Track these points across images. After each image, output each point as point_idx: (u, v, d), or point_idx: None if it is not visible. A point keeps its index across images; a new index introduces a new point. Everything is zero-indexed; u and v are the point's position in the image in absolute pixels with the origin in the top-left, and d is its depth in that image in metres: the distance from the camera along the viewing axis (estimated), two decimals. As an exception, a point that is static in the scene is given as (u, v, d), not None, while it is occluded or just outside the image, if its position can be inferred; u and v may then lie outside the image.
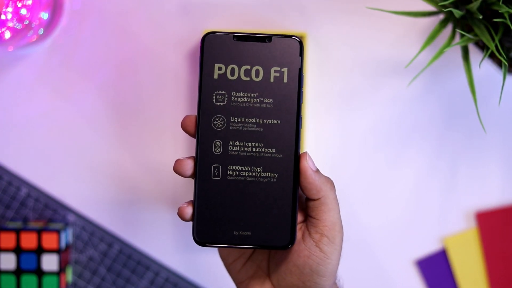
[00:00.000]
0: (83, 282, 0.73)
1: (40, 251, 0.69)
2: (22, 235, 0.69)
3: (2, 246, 0.69)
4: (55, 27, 0.71)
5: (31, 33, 0.67)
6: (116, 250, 0.72)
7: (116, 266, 0.73)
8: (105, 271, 0.73)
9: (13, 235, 0.69)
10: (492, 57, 0.65)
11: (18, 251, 0.69)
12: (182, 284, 0.73)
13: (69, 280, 0.72)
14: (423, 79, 0.71)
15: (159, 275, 0.73)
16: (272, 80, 0.50)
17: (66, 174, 0.72)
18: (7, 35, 0.64)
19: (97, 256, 0.73)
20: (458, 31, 0.60)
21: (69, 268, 0.72)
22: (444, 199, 0.72)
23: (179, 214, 0.50)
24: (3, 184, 0.72)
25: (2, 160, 0.72)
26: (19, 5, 0.64)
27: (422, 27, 0.71)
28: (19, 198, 0.72)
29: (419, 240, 0.72)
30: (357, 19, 0.71)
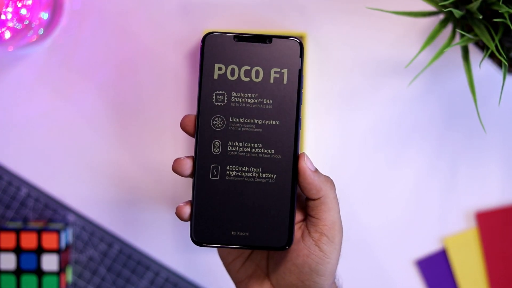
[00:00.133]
0: (83, 282, 0.73)
1: (40, 251, 0.69)
2: (22, 235, 0.69)
3: (2, 246, 0.69)
4: (55, 27, 0.71)
5: (31, 33, 0.67)
6: (116, 250, 0.72)
7: (116, 266, 0.73)
8: (105, 271, 0.73)
9: (13, 235, 0.69)
10: (492, 57, 0.65)
11: (18, 251, 0.69)
12: (182, 284, 0.73)
13: (69, 280, 0.72)
14: (423, 79, 0.71)
15: (159, 275, 0.73)
16: (272, 81, 0.50)
17: (66, 174, 0.72)
18: (7, 35, 0.64)
19: (97, 256, 0.73)
20: (458, 31, 0.60)
21: (69, 268, 0.72)
22: (444, 199, 0.72)
23: (177, 214, 0.50)
24: (3, 184, 0.72)
25: (2, 160, 0.72)
26: (19, 5, 0.64)
27: (422, 27, 0.71)
28: (19, 198, 0.72)
29: (419, 240, 0.72)
30: (357, 19, 0.71)
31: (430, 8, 0.68)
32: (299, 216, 0.52)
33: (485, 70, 0.70)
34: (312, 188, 0.50)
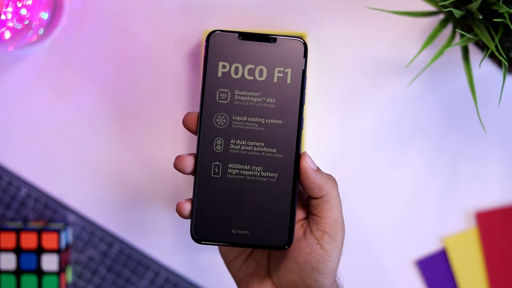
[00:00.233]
0: (83, 282, 0.73)
1: (40, 251, 0.69)
2: (22, 235, 0.69)
3: (2, 246, 0.69)
4: (55, 27, 0.71)
5: (31, 33, 0.67)
6: (116, 250, 0.72)
7: (116, 266, 0.73)
8: (105, 271, 0.73)
9: (13, 235, 0.69)
10: (492, 57, 0.65)
11: (18, 251, 0.69)
12: (182, 284, 0.73)
13: (69, 280, 0.72)
14: (423, 79, 0.71)
15: (159, 275, 0.73)
16: (275, 80, 0.50)
17: (66, 174, 0.72)
18: (7, 35, 0.64)
19: (97, 256, 0.73)
20: (458, 31, 0.60)
21: (69, 268, 0.72)
22: (444, 199, 0.72)
23: (178, 210, 0.50)
24: (3, 184, 0.72)
25: (2, 160, 0.72)
26: (19, 5, 0.64)
27: (422, 27, 0.71)
28: (19, 198, 0.72)
29: (419, 240, 0.72)
30: (357, 19, 0.71)
31: (430, 8, 0.68)
32: (301, 214, 0.52)
33: (485, 70, 0.70)
34: (314, 187, 0.50)
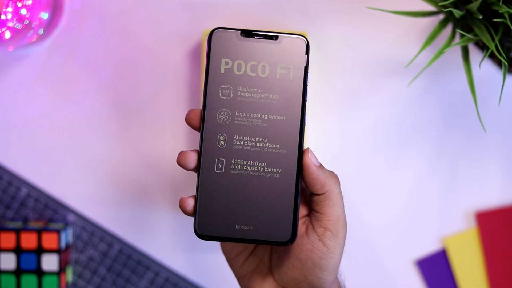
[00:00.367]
0: (83, 282, 0.73)
1: (40, 251, 0.69)
2: (22, 235, 0.69)
3: (2, 246, 0.69)
4: (55, 27, 0.71)
5: (31, 33, 0.67)
6: (116, 250, 0.72)
7: (116, 266, 0.73)
8: (105, 271, 0.73)
9: (13, 235, 0.69)
10: (492, 57, 0.65)
11: (18, 251, 0.69)
12: (182, 284, 0.73)
13: (69, 280, 0.72)
14: (423, 79, 0.71)
15: (159, 275, 0.73)
16: (278, 76, 0.50)
17: (66, 174, 0.72)
18: (7, 35, 0.64)
19: (97, 256, 0.73)
20: (458, 31, 0.60)
21: (69, 268, 0.72)
22: (444, 199, 0.72)
23: (181, 206, 0.50)
24: (3, 184, 0.72)
25: (2, 160, 0.72)
26: (19, 5, 0.64)
27: (422, 27, 0.71)
28: (19, 198, 0.72)
29: (419, 240, 0.72)
30: (357, 19, 0.71)
31: (430, 8, 0.68)
32: (303, 211, 0.53)
33: (485, 70, 0.70)
34: (316, 183, 0.50)
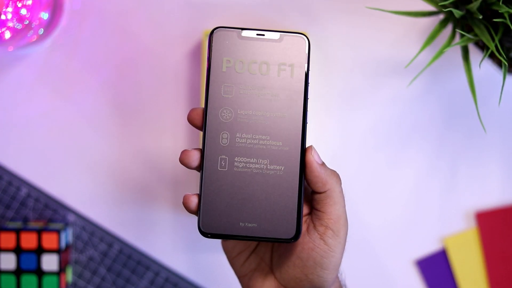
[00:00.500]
0: (83, 282, 0.73)
1: (40, 251, 0.69)
2: (22, 235, 0.69)
3: (2, 246, 0.69)
4: (55, 27, 0.71)
5: (31, 33, 0.67)
6: (116, 250, 0.72)
7: (116, 266, 0.73)
8: (105, 271, 0.73)
9: (13, 235, 0.69)
10: (492, 57, 0.65)
11: (18, 251, 0.69)
12: (182, 284, 0.73)
13: (69, 280, 0.72)
14: (423, 79, 0.71)
15: (159, 275, 0.73)
16: (279, 75, 0.51)
17: (66, 174, 0.72)
18: (7, 35, 0.64)
19: (97, 256, 0.73)
20: (458, 31, 0.60)
21: (69, 268, 0.72)
22: (444, 199, 0.72)
23: (184, 203, 0.50)
24: (3, 184, 0.72)
25: (2, 160, 0.72)
26: (19, 5, 0.64)
27: (422, 27, 0.71)
28: (19, 198, 0.72)
29: (419, 240, 0.72)
30: (357, 19, 0.71)
31: (430, 8, 0.68)
32: (304, 210, 0.53)
33: (485, 70, 0.70)
34: (318, 181, 0.50)
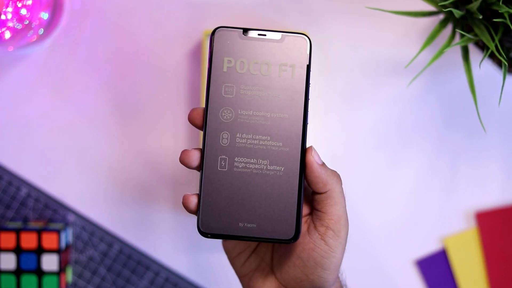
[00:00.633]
0: (83, 282, 0.73)
1: (40, 251, 0.69)
2: (22, 235, 0.69)
3: (2, 246, 0.69)
4: (55, 27, 0.71)
5: (31, 33, 0.67)
6: (116, 250, 0.72)
7: (116, 266, 0.73)
8: (105, 271, 0.73)
9: (13, 235, 0.69)
10: (492, 57, 0.65)
11: (18, 251, 0.69)
12: (182, 284, 0.73)
13: (69, 280, 0.72)
14: (423, 79, 0.71)
15: (159, 275, 0.73)
16: (280, 75, 0.51)
17: (66, 174, 0.72)
18: (7, 35, 0.64)
19: (97, 256, 0.73)
20: (458, 31, 0.60)
21: (69, 268, 0.72)
22: (444, 199, 0.72)
23: (184, 203, 0.50)
24: (3, 184, 0.72)
25: (2, 160, 0.72)
26: (19, 5, 0.64)
27: (422, 27, 0.71)
28: (19, 198, 0.72)
29: (419, 240, 0.72)
30: (357, 19, 0.71)
31: (430, 8, 0.68)
32: (305, 210, 0.53)
33: (485, 70, 0.70)
34: (318, 181, 0.50)
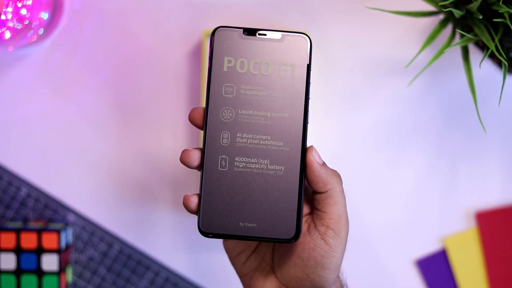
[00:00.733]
0: (83, 282, 0.73)
1: (40, 251, 0.69)
2: (22, 235, 0.69)
3: (2, 246, 0.69)
4: (55, 27, 0.71)
5: (31, 33, 0.67)
6: (116, 250, 0.72)
7: (116, 266, 0.73)
8: (105, 271, 0.73)
9: (13, 235, 0.69)
10: (492, 57, 0.65)
11: (18, 251, 0.69)
12: (182, 284, 0.73)
13: (69, 280, 0.72)
14: (423, 79, 0.71)
15: (159, 275, 0.73)
16: (280, 74, 0.51)
17: (66, 174, 0.72)
18: (7, 35, 0.64)
19: (97, 256, 0.73)
20: (458, 31, 0.60)
21: (69, 268, 0.72)
22: (444, 199, 0.72)
23: (184, 203, 0.50)
24: (3, 184, 0.72)
25: (2, 160, 0.72)
26: (19, 5, 0.64)
27: (422, 27, 0.71)
28: (19, 198, 0.72)
29: (419, 240, 0.72)
30: (357, 19, 0.71)
31: (430, 8, 0.68)
32: (305, 210, 0.53)
33: (485, 70, 0.70)
34: (319, 181, 0.50)
